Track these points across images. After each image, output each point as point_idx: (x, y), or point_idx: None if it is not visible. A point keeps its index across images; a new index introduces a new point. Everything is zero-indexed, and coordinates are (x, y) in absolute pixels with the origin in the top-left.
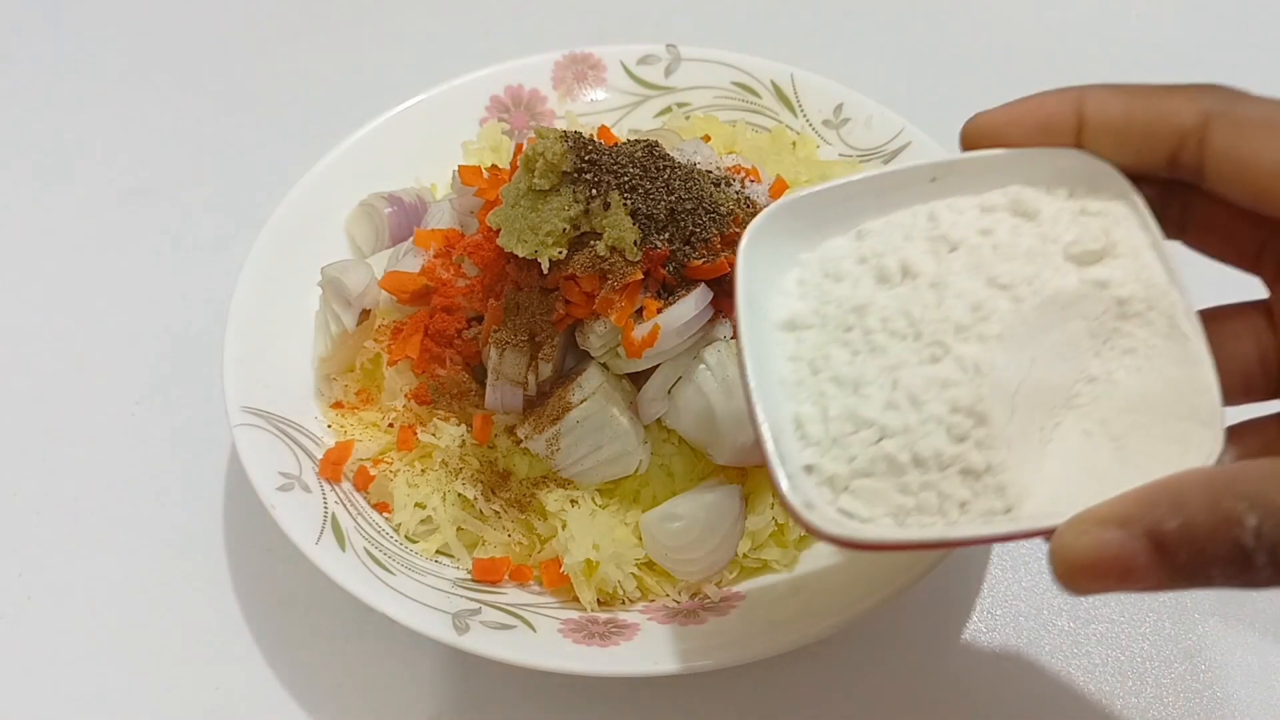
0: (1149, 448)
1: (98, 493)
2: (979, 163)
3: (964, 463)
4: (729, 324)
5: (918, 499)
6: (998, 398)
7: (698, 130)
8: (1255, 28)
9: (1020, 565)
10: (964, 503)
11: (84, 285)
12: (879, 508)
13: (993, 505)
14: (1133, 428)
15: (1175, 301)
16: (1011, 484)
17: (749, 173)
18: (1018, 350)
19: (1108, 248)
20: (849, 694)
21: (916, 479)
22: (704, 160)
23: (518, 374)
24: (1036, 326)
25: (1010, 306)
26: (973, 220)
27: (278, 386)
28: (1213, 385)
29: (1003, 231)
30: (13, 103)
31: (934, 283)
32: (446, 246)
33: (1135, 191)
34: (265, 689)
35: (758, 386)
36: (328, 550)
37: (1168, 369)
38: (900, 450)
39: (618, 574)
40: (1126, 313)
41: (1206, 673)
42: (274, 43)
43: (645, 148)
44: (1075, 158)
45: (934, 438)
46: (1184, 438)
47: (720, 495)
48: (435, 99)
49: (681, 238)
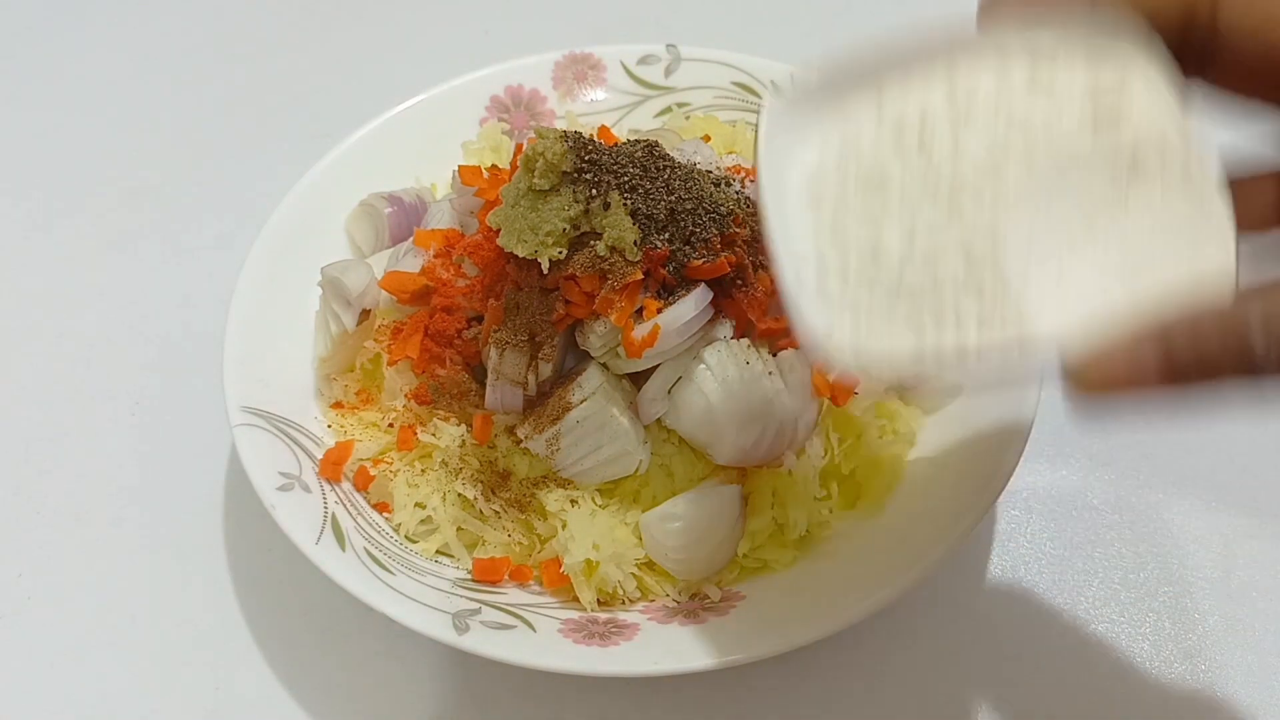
0: (1162, 273)
1: (98, 493)
2: (998, 27)
3: (979, 283)
4: (729, 324)
5: (935, 318)
6: (1013, 240)
7: (698, 130)
8: None
9: (1020, 565)
10: (981, 318)
11: (84, 285)
12: (896, 329)
13: (1008, 318)
14: (1146, 256)
15: (1191, 142)
16: (1027, 303)
17: (749, 172)
18: (1033, 205)
19: (1124, 97)
20: (849, 694)
21: (933, 302)
22: (704, 160)
23: (518, 374)
24: (1053, 178)
25: (1025, 161)
26: (991, 76)
27: (278, 386)
28: (1224, 213)
29: (1019, 83)
30: (13, 103)
31: (952, 139)
32: (446, 246)
33: (1152, 39)
34: (265, 689)
35: (779, 225)
36: (328, 550)
37: (1181, 205)
38: (917, 276)
39: (618, 574)
40: (1141, 157)
41: (1207, 674)
42: (274, 43)
43: (645, 148)
44: (1090, 12)
45: (951, 264)
46: (1196, 260)
47: (720, 495)
48: (435, 99)
49: (681, 238)
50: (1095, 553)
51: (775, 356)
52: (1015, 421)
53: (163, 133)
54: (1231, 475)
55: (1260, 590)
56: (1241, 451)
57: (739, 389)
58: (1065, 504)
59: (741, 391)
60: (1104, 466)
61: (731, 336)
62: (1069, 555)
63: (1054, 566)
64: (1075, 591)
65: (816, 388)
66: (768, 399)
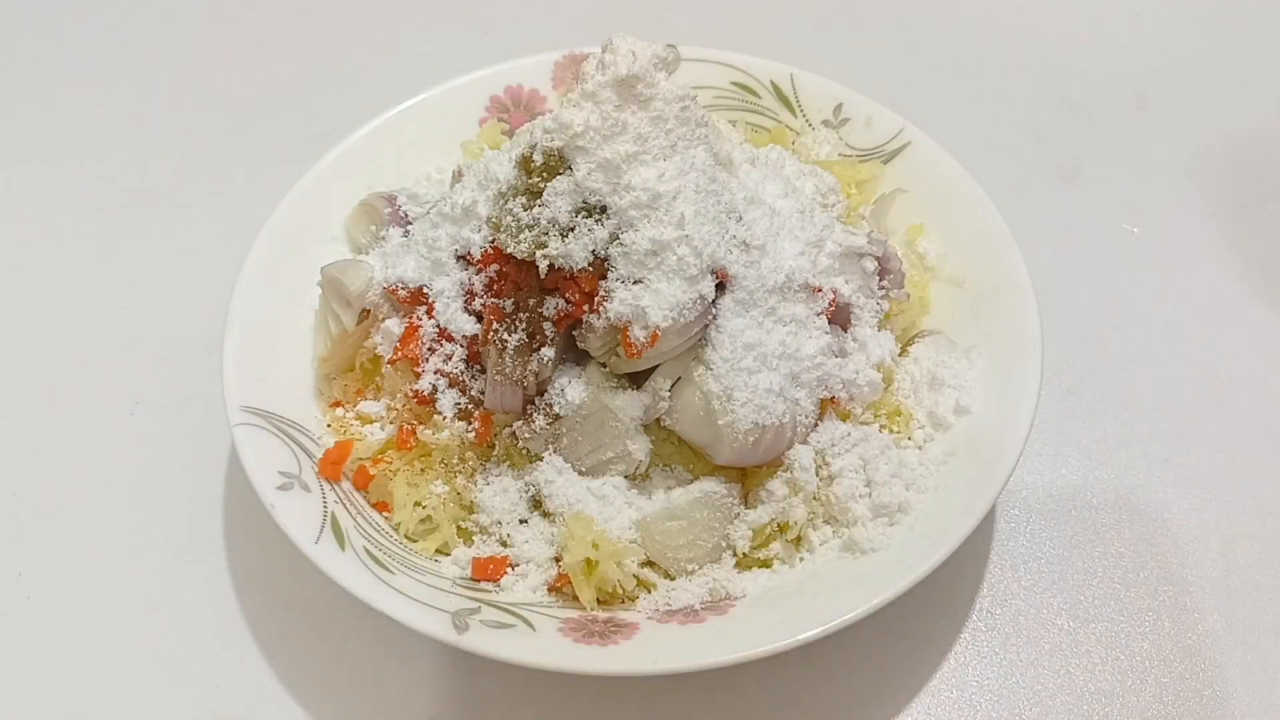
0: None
1: (98, 493)
2: None
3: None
4: (729, 323)
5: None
6: None
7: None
8: (1255, 28)
9: (1020, 565)
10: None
11: (84, 285)
12: None
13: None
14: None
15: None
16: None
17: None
18: None
19: None
20: (849, 694)
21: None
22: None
23: (518, 374)
24: None
25: None
26: None
27: (277, 386)
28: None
29: None
30: (14, 103)
31: None
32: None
33: None
34: (265, 689)
35: None
36: (327, 550)
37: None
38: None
39: (618, 573)
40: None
41: (1206, 672)
42: (274, 43)
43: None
44: None
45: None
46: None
47: (719, 494)
48: (435, 99)
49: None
50: (1095, 553)
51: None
52: (1015, 422)
53: (163, 132)
54: (1231, 475)
55: (1260, 590)
56: (1241, 451)
57: (738, 390)
58: (1065, 504)
59: (740, 395)
60: (1104, 466)
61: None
62: (1069, 555)
63: (1054, 566)
64: (1075, 591)
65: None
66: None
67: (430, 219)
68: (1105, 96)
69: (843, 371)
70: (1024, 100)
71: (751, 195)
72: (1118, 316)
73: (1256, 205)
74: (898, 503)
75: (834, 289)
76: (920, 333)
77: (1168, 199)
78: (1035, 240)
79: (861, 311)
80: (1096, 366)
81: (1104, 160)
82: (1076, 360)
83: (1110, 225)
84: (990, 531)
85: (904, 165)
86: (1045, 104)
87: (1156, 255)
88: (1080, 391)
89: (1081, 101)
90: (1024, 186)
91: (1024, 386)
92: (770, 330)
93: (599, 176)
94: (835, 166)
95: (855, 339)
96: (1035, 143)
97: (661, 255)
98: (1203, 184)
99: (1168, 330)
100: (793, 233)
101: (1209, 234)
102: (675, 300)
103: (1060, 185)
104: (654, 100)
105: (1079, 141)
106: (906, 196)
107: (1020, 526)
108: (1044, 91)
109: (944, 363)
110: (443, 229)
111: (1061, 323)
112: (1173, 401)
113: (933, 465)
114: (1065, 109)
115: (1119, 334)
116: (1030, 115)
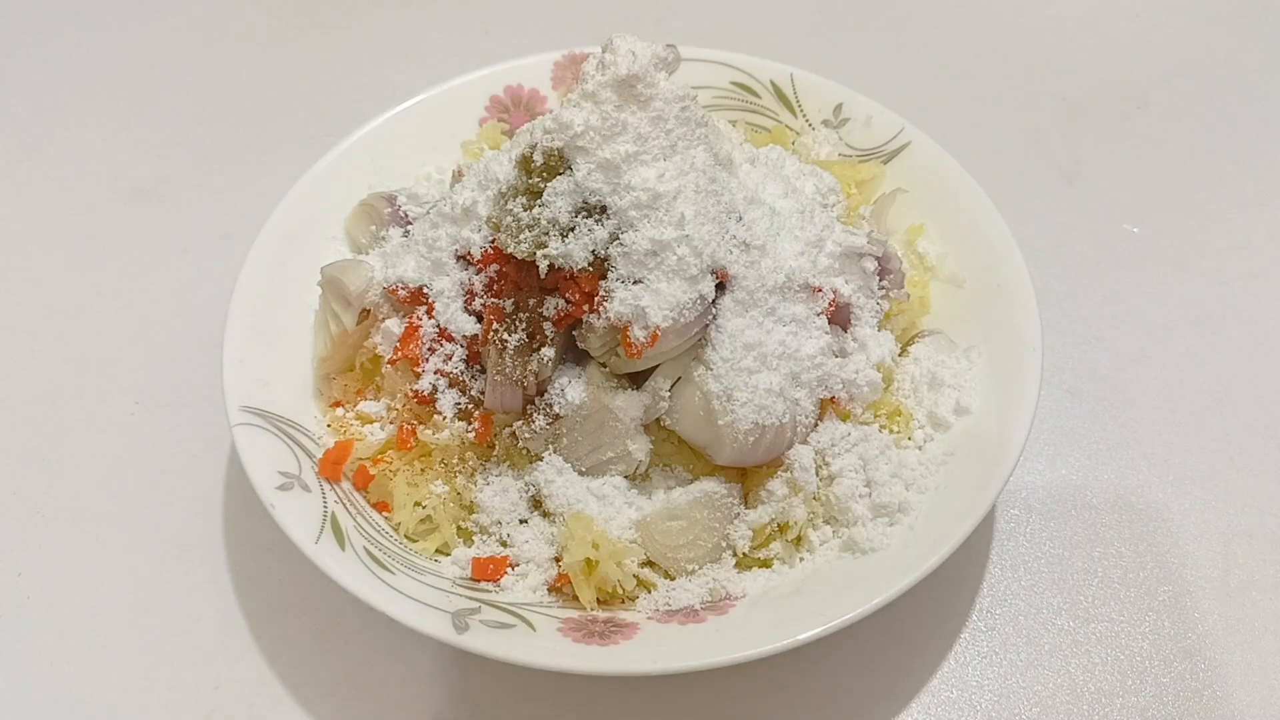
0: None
1: (98, 493)
2: None
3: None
4: (729, 323)
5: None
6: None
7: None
8: (1255, 28)
9: (1020, 565)
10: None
11: (84, 285)
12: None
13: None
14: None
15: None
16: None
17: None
18: None
19: None
20: (849, 694)
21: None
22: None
23: (518, 374)
24: None
25: None
26: None
27: (277, 386)
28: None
29: None
30: (14, 103)
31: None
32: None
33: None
34: (265, 689)
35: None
36: (327, 550)
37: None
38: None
39: (618, 573)
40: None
41: (1206, 673)
42: (274, 43)
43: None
44: None
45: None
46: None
47: (719, 494)
48: (435, 99)
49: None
50: (1095, 553)
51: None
52: (1015, 422)
53: (163, 133)
54: (1231, 475)
55: (1260, 590)
56: (1241, 451)
57: (738, 390)
58: (1065, 504)
59: (740, 395)
60: (1104, 466)
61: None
62: (1069, 555)
63: (1054, 566)
64: (1075, 591)
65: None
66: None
67: (430, 219)
68: (1105, 96)
69: (843, 371)
70: (1024, 100)
71: (751, 195)
72: (1118, 316)
73: (1256, 205)
74: (898, 503)
75: (834, 289)
76: (920, 333)
77: (1168, 199)
78: (1035, 240)
79: (861, 311)
80: (1096, 366)
81: (1104, 160)
82: (1076, 360)
83: (1110, 225)
84: (990, 531)
85: (904, 165)
86: (1045, 104)
87: (1156, 255)
88: (1080, 391)
89: (1081, 101)
90: (1024, 186)
91: (1024, 386)
92: (770, 330)
93: (599, 176)
94: (835, 166)
95: (855, 339)
96: (1035, 143)
97: (661, 255)
98: (1203, 184)
99: (1168, 330)
100: (793, 233)
101: (1209, 234)
102: (675, 300)
103: (1060, 185)
104: (654, 100)
105: (1079, 141)
106: (906, 196)
107: (1020, 526)
108: (1044, 91)
109: (944, 363)
110: (443, 229)
111: (1061, 323)
112: (1173, 401)
113: (933, 465)
114: (1065, 109)
115: (1119, 334)
116: (1030, 115)
